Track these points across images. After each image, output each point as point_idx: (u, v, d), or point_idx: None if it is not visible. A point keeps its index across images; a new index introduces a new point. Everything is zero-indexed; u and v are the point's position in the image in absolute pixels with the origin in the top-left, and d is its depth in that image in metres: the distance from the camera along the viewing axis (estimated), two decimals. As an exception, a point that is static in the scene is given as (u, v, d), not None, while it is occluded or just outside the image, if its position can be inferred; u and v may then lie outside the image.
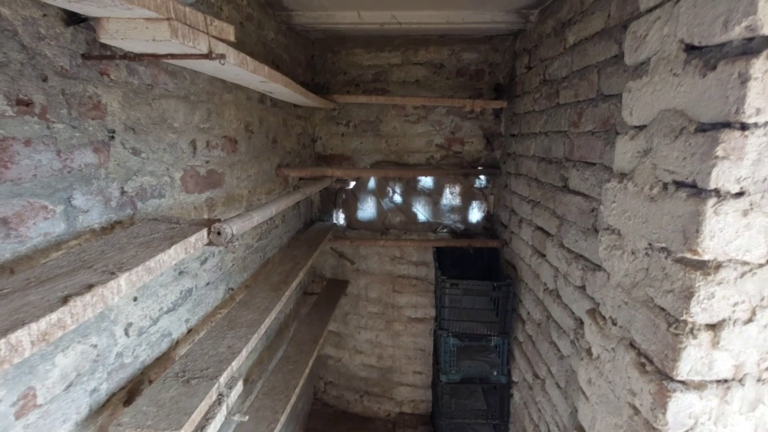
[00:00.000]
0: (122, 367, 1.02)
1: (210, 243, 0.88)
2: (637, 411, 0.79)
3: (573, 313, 1.49)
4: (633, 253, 0.84)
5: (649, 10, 0.84)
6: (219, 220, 0.93)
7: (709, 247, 0.66)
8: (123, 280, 0.61)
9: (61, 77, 0.84)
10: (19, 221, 0.75)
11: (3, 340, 0.43)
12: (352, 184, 2.94)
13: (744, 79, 0.60)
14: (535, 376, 1.87)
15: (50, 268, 0.63)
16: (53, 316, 0.49)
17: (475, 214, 2.85)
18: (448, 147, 2.80)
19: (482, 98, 2.63)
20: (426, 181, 2.86)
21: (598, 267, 1.30)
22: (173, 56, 0.86)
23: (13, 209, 0.74)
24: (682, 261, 0.70)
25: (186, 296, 1.31)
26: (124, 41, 0.78)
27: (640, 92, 0.84)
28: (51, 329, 0.48)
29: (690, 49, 0.71)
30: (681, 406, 0.70)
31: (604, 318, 0.95)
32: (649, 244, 0.78)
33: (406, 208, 2.90)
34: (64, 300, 0.51)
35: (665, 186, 0.75)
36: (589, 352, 1.00)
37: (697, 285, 0.67)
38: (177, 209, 1.25)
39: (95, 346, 0.92)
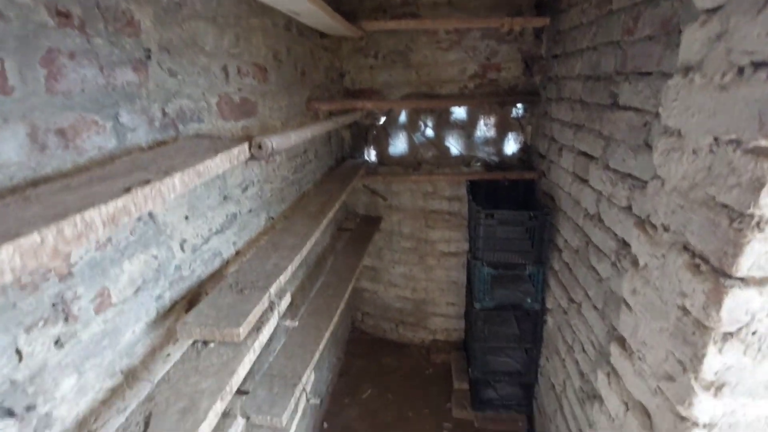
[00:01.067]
0: (181, 279, 1.10)
1: (252, 156, 0.90)
2: (686, 312, 0.77)
3: (616, 235, 1.45)
4: (694, 152, 0.78)
5: None
6: (259, 136, 0.94)
7: (789, 131, 0.59)
8: (177, 179, 0.63)
9: (93, -12, 0.82)
10: (74, 134, 0.78)
11: (78, 216, 0.46)
12: (383, 119, 2.87)
13: None
14: (571, 300, 1.88)
15: (109, 171, 0.66)
16: (119, 202, 0.52)
17: (511, 146, 2.74)
18: (482, 75, 2.64)
19: (522, 16, 2.41)
20: (459, 113, 2.75)
21: (646, 184, 1.24)
22: (200, -41, 0.82)
23: (68, 121, 0.77)
24: (754, 151, 0.64)
25: (231, 220, 1.37)
26: (150, -60, 0.75)
27: (720, -35, 0.73)
28: (118, 213, 0.51)
29: None
30: (738, 302, 0.68)
31: (654, 227, 0.91)
32: (715, 139, 0.72)
33: (438, 142, 2.82)
34: (127, 189, 0.54)
35: (741, 70, 0.67)
36: (635, 263, 0.98)
37: (769, 175, 0.62)
38: (215, 134, 1.27)
39: (156, 257, 1.00)
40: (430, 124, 2.81)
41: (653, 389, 0.87)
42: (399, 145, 2.89)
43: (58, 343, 0.74)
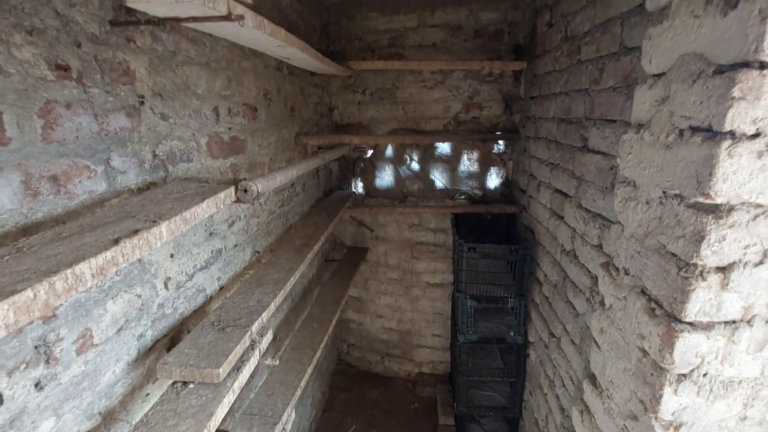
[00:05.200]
0: (164, 316, 1.11)
1: (237, 200, 0.94)
2: (645, 353, 0.82)
3: (589, 271, 1.51)
4: (647, 202, 0.85)
5: (673, -48, 0.81)
6: (245, 179, 0.99)
7: (722, 190, 0.66)
8: (164, 228, 0.67)
9: (93, 43, 0.88)
10: (66, 179, 0.82)
11: (69, 271, 0.49)
12: (370, 152, 2.95)
13: (764, 16, 0.59)
14: (551, 335, 1.91)
15: (99, 218, 0.70)
16: (108, 254, 0.55)
17: (493, 180, 2.83)
18: (466, 112, 2.77)
19: (501, 60, 2.56)
20: (443, 148, 2.85)
21: (614, 222, 1.31)
22: (194, 19, 0.89)
23: (61, 168, 0.81)
24: (694, 206, 0.71)
25: (216, 256, 1.40)
26: (149, 4, 0.82)
27: (660, 38, 0.83)
28: (107, 265, 0.55)
29: (713, -12, 0.69)
30: (688, 346, 0.73)
31: (617, 269, 0.97)
32: (663, 193, 0.79)
33: (423, 176, 2.91)
34: (116, 241, 0.58)
35: (681, 132, 0.75)
36: (602, 303, 1.03)
37: (708, 228, 0.68)
38: (204, 173, 1.31)
39: (139, 296, 1.02)
40: (415, 158, 2.90)
41: (620, 428, 0.90)
42: (386, 177, 2.97)
43: (38, 385, 0.75)
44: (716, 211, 0.68)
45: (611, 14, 1.41)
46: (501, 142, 2.75)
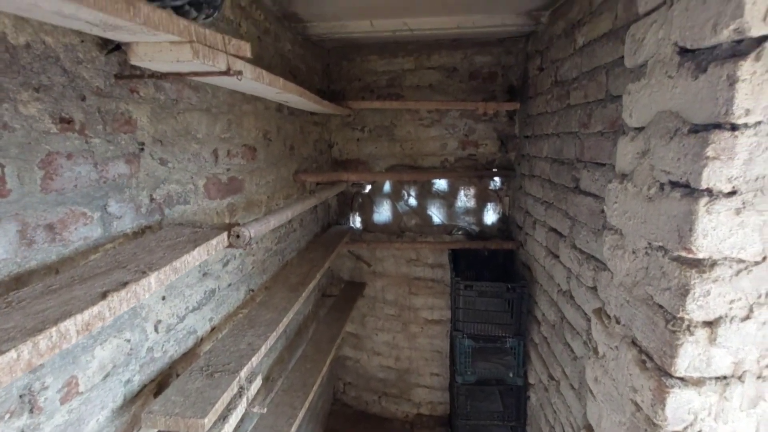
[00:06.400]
0: (153, 360, 1.10)
1: (230, 245, 0.95)
2: (638, 408, 0.80)
3: (585, 314, 1.49)
4: (634, 252, 0.86)
5: (647, 14, 0.86)
6: (238, 224, 1.00)
7: (703, 246, 0.67)
8: (153, 279, 0.68)
9: (97, 96, 0.93)
10: (62, 227, 0.84)
11: (54, 329, 0.50)
12: (368, 188, 3.00)
13: (732, 81, 0.62)
14: (551, 377, 1.87)
15: (90, 268, 0.71)
16: (95, 309, 0.56)
17: (490, 216, 2.86)
18: (462, 149, 2.83)
19: (495, 100, 2.65)
20: (440, 184, 2.89)
21: (606, 267, 1.31)
22: (195, 74, 0.94)
23: (58, 216, 0.83)
24: (678, 260, 0.72)
25: (209, 296, 1.39)
26: (152, 62, 0.86)
27: (639, 94, 0.87)
28: (93, 320, 0.55)
29: (683, 52, 0.73)
30: (680, 402, 0.72)
31: (608, 317, 0.97)
32: (648, 244, 0.80)
33: (421, 211, 2.94)
34: (103, 295, 0.58)
35: (662, 186, 0.77)
36: (595, 350, 1.02)
37: (692, 283, 0.69)
38: (201, 214, 1.33)
39: (129, 340, 1.01)
40: (413, 193, 2.94)
41: (618, 486, 0.87)
42: (383, 212, 3.00)
43: (17, 438, 0.74)
44: (699, 265, 0.69)
45: (597, 63, 1.47)
46: (497, 178, 2.80)
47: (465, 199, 2.87)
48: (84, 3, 0.56)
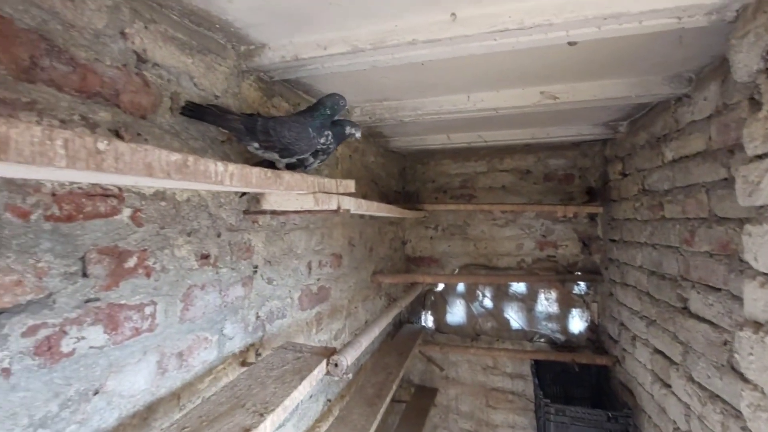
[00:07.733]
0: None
1: (328, 373, 0.98)
2: None
3: (719, 469, 1.24)
4: (791, 423, 0.73)
5: (759, 157, 0.84)
6: (335, 350, 1.04)
7: None
8: (268, 422, 0.71)
9: (229, 231, 1.08)
10: (189, 353, 0.93)
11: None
12: (441, 286, 2.97)
13: None
14: None
15: (214, 405, 0.77)
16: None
17: (577, 324, 2.63)
18: (540, 250, 2.75)
19: (573, 202, 2.61)
20: (518, 286, 2.78)
21: (742, 414, 1.11)
22: (310, 212, 1.07)
23: (187, 343, 0.93)
24: None
25: (293, 411, 1.40)
26: (278, 207, 1.01)
27: (763, 239, 0.81)
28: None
29: (817, 206, 0.69)
30: None
31: (765, 498, 0.79)
32: (811, 418, 0.68)
33: (497, 314, 2.80)
34: (231, 445, 0.62)
35: (818, 352, 0.67)
36: None
37: None
38: (294, 326, 1.41)
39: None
40: (488, 294, 2.84)
41: None
42: (457, 313, 2.91)
43: None
44: None
45: (693, 180, 1.42)
46: (582, 282, 2.63)
47: (546, 303, 2.70)
48: (245, 184, 0.70)
